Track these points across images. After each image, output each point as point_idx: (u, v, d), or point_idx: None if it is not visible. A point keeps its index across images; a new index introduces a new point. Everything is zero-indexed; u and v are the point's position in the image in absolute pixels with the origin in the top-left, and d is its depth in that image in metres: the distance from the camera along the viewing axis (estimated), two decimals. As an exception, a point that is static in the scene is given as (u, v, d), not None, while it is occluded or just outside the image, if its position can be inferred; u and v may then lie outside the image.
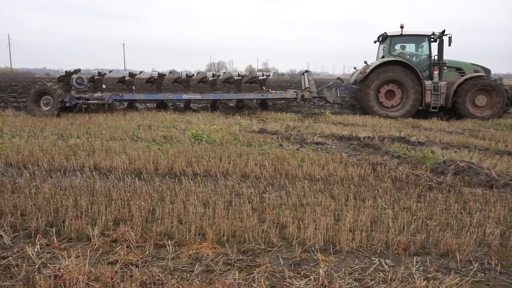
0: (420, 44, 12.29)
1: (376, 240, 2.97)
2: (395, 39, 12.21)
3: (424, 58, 12.14)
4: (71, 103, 10.99)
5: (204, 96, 12.22)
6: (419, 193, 4.16)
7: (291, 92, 12.74)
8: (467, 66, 12.09)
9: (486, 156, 5.94)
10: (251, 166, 5.06)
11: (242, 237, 3.02)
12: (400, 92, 11.69)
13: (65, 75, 11.66)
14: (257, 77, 12.83)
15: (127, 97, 11.87)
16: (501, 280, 2.50)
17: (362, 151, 6.42)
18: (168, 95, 12.34)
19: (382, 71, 11.55)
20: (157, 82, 12.62)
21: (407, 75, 11.48)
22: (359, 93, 11.85)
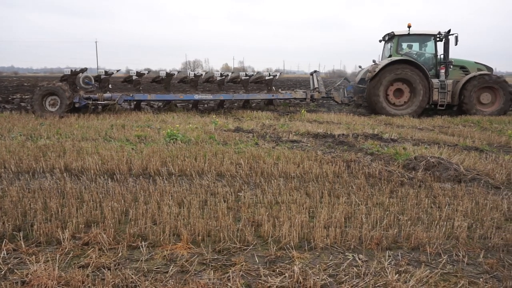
0: (426, 43, 12.52)
1: (350, 236, 3.02)
2: (402, 38, 12.41)
3: (430, 57, 12.38)
4: (80, 104, 10.56)
5: (215, 97, 11.96)
6: (392, 188, 4.25)
7: (300, 93, 12.81)
8: (470, 64, 12.40)
9: (455, 151, 6.14)
10: (226, 165, 5.05)
11: (217, 236, 3.01)
12: (408, 91, 11.81)
13: (71, 74, 11.08)
14: (263, 77, 12.77)
15: (137, 97, 11.39)
16: (468, 271, 2.59)
17: (337, 148, 6.51)
18: (180, 95, 12.00)
19: (391, 70, 11.63)
20: (165, 82, 12.16)
21: (415, 74, 11.61)
22: (368, 92, 11.92)
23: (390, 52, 12.62)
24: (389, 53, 12.84)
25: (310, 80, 13.72)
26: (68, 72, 11.06)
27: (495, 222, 3.34)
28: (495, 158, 5.66)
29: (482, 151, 6.34)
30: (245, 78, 12.37)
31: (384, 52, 13.32)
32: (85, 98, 10.64)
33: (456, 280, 2.47)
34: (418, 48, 12.63)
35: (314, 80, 13.16)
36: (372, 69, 11.88)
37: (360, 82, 13.05)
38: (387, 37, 12.92)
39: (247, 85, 12.67)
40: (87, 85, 10.97)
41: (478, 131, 8.63)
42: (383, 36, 13.23)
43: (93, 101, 10.72)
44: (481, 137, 7.69)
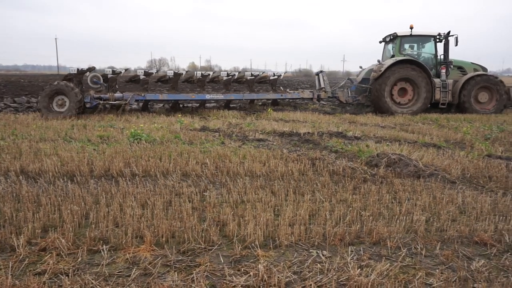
0: (427, 44, 13.02)
1: (314, 232, 3.06)
2: (405, 39, 12.86)
3: (430, 57, 12.88)
4: (91, 104, 10.14)
5: (226, 96, 11.92)
6: (355, 185, 4.35)
7: (307, 92, 13.01)
8: (467, 65, 13.03)
9: (414, 148, 6.37)
10: (192, 165, 4.99)
11: (182, 237, 2.97)
12: (411, 90, 12.22)
13: (77, 73, 10.57)
14: (268, 76, 12.80)
15: (149, 97, 11.02)
16: (426, 263, 2.69)
17: (302, 146, 6.59)
18: (191, 95, 11.75)
19: (396, 70, 11.99)
20: (172, 82, 11.83)
21: (418, 74, 12.04)
22: (373, 91, 12.22)
23: (393, 53, 13.07)
24: (390, 53, 13.34)
25: (316, 80, 13.94)
26: (74, 71, 10.59)
27: (451, 215, 3.49)
28: (451, 154, 5.92)
29: (439, 147, 6.61)
30: (251, 78, 12.42)
31: (385, 52, 13.83)
32: (96, 98, 10.22)
33: (415, 272, 2.56)
34: (420, 49, 13.13)
35: (320, 80, 13.38)
36: (377, 68, 12.22)
37: (362, 82, 13.41)
38: (389, 38, 13.37)
39: (253, 85, 12.69)
40: (95, 85, 10.54)
41: (436, 128, 9.00)
42: (384, 37, 13.73)
43: (103, 101, 10.29)
44: (439, 134, 8.03)
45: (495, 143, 7.14)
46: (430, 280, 2.46)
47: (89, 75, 10.53)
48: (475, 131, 8.40)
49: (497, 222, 3.34)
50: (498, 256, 2.80)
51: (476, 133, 8.24)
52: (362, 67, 14.41)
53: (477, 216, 3.48)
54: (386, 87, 12.03)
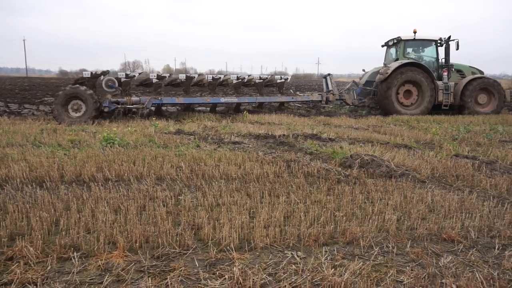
0: (429, 48, 13.53)
1: (289, 234, 3.09)
2: (408, 43, 13.35)
3: (432, 61, 13.38)
4: (110, 108, 9.92)
5: (240, 99, 12.07)
6: (329, 186, 4.42)
7: (316, 95, 13.31)
8: (466, 68, 13.62)
9: (386, 149, 6.52)
10: (166, 168, 4.93)
11: (156, 242, 2.93)
12: (416, 92, 12.69)
13: (90, 77, 10.27)
14: (275, 80, 12.93)
15: (166, 100, 10.91)
16: (397, 261, 2.76)
17: (278, 148, 6.63)
18: (207, 98, 11.81)
19: (401, 73, 12.43)
20: (184, 85, 11.76)
21: (422, 76, 12.53)
22: (380, 93, 12.61)
23: (397, 56, 13.55)
24: (392, 56, 13.89)
25: (323, 83, 14.18)
26: (88, 74, 10.31)
27: (421, 213, 3.60)
28: (421, 155, 6.10)
29: (410, 148, 6.80)
30: (259, 81, 12.60)
31: (387, 56, 14.31)
32: (113, 102, 10.00)
33: (386, 270, 2.63)
34: (422, 52, 13.66)
35: (328, 83, 13.62)
36: (383, 71, 12.60)
37: (366, 84, 13.95)
38: (392, 42, 13.86)
39: (261, 88, 12.82)
40: (110, 88, 10.30)
41: (407, 129, 9.25)
42: (387, 41, 14.19)
43: (121, 105, 10.11)
44: (410, 135, 8.26)
45: (462, 143, 7.41)
46: (401, 278, 2.52)
47: (104, 78, 10.36)
48: (443, 132, 8.69)
49: (463, 219, 3.46)
50: (465, 252, 2.91)
51: (445, 133, 8.53)
52: (365, 70, 14.87)
53: (445, 214, 3.60)
54: (393, 89, 12.49)
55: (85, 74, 10.52)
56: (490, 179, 4.75)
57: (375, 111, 13.64)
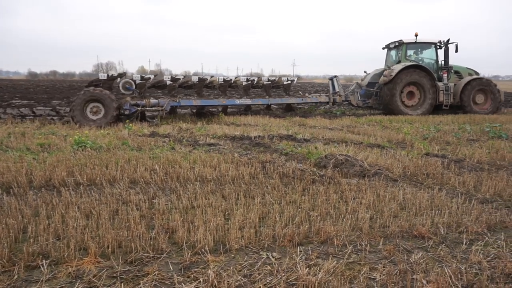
0: (429, 51, 14.10)
1: (264, 235, 3.10)
2: (409, 45, 13.90)
3: (432, 63, 13.95)
4: (130, 111, 9.75)
5: (254, 101, 12.46)
6: (304, 186, 4.46)
7: (324, 97, 13.67)
8: (463, 69, 14.26)
9: (360, 149, 6.64)
10: (140, 172, 4.85)
11: (129, 246, 2.87)
12: (418, 93, 13.26)
13: (107, 79, 10.04)
14: (282, 81, 13.16)
15: (184, 103, 10.93)
16: (370, 259, 2.81)
17: (253, 150, 6.64)
18: (222, 100, 11.91)
19: (404, 75, 12.92)
20: (197, 87, 11.75)
21: (424, 78, 13.08)
22: (384, 95, 13.10)
23: (399, 58, 14.05)
24: (393, 59, 14.49)
25: (330, 85, 14.46)
26: (104, 76, 10.09)
27: (393, 211, 3.68)
28: (393, 154, 6.24)
29: (383, 147, 6.95)
30: (268, 83, 12.83)
31: (388, 58, 14.90)
32: (133, 104, 9.88)
33: (360, 267, 2.67)
34: (422, 55, 14.20)
35: (335, 85, 13.94)
36: (388, 73, 13.08)
37: (368, 86, 14.40)
38: (393, 45, 14.38)
39: (269, 90, 13.01)
40: (127, 91, 10.15)
41: (380, 129, 9.45)
42: (387, 44, 14.75)
43: (142, 108, 9.96)
44: (383, 135, 8.44)
45: (432, 142, 7.64)
46: (374, 275, 2.57)
47: (122, 81, 10.22)
48: (414, 132, 8.93)
49: (433, 216, 3.57)
50: (434, 247, 2.99)
51: (416, 133, 8.76)
52: (366, 71, 15.34)
53: (416, 212, 3.70)
54: (397, 90, 12.98)
55: (101, 76, 10.37)
56: (458, 177, 4.91)
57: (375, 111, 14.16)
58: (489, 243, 3.08)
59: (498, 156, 6.21)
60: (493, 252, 2.90)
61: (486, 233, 3.27)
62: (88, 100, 9.42)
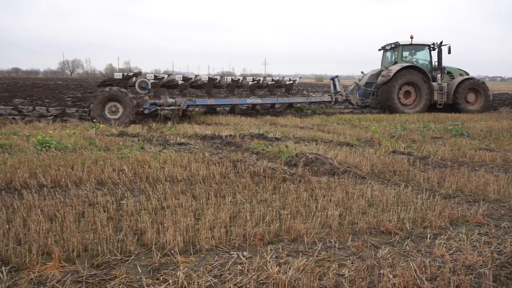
0: (423, 52, 14.75)
1: (234, 234, 3.08)
2: (405, 47, 14.55)
3: (426, 64, 14.56)
4: (150, 110, 9.82)
5: (264, 100, 12.66)
6: (275, 185, 4.48)
7: (327, 96, 14.06)
8: (454, 70, 14.98)
9: (330, 147, 6.75)
10: (108, 172, 4.73)
11: (96, 250, 2.79)
12: (415, 92, 13.93)
13: (122, 78, 9.96)
14: (284, 81, 13.57)
15: (199, 102, 11.12)
16: (339, 255, 2.86)
17: (224, 149, 6.61)
18: (235, 99, 12.13)
19: (401, 75, 13.56)
20: (207, 87, 11.94)
21: (420, 78, 13.75)
22: (383, 94, 13.72)
23: (395, 60, 14.68)
24: (389, 60, 15.12)
25: (331, 84, 14.93)
26: (119, 76, 10.03)
27: (361, 208, 3.76)
28: (362, 152, 6.38)
29: (352, 146, 7.09)
30: (272, 83, 13.25)
31: (384, 59, 15.53)
32: (152, 103, 9.95)
33: (329, 264, 2.71)
34: (417, 56, 14.82)
35: (336, 85, 14.44)
36: (386, 74, 13.65)
37: (366, 85, 14.99)
38: (389, 47, 15.01)
39: (273, 90, 13.54)
40: (143, 90, 10.06)
41: (349, 128, 9.64)
42: (383, 45, 15.41)
43: (160, 107, 9.99)
44: (352, 134, 8.62)
45: (399, 140, 7.87)
46: (343, 271, 2.61)
47: (138, 80, 10.12)
48: (382, 130, 9.17)
49: (399, 212, 3.67)
50: (401, 242, 3.08)
51: (383, 131, 9.00)
52: (364, 72, 15.92)
53: (383, 208, 3.79)
54: (395, 90, 13.58)
55: (116, 75, 10.35)
56: (423, 173, 5.08)
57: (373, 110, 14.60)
58: (451, 237, 3.20)
59: (460, 153, 6.47)
60: (455, 245, 3.02)
61: (449, 227, 3.40)
62: (106, 100, 9.36)
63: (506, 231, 3.32)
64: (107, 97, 9.37)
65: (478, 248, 2.97)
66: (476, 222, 3.50)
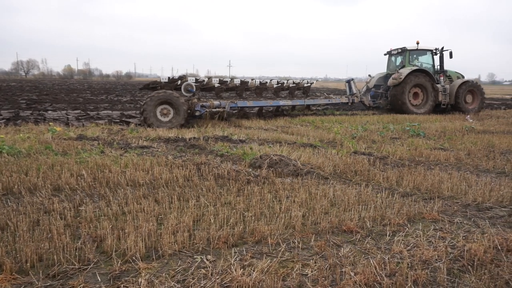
0: (426, 56, 15.89)
1: (198, 238, 3.05)
2: (412, 52, 15.64)
3: (429, 67, 15.60)
4: (201, 112, 10.34)
5: (294, 102, 13.52)
6: (239, 187, 4.47)
7: (344, 98, 14.86)
8: (452, 73, 16.27)
9: (293, 149, 6.84)
10: (65, 178, 4.54)
11: (51, 259, 2.66)
12: (422, 94, 14.99)
13: (168, 81, 10.47)
14: (302, 84, 14.10)
15: (240, 104, 11.66)
16: (303, 255, 2.90)
17: (188, 152, 6.53)
18: (269, 101, 12.71)
19: (411, 78, 14.55)
20: (239, 89, 12.53)
21: (427, 80, 14.83)
22: (394, 96, 14.70)
23: (402, 63, 15.61)
24: (396, 64, 16.12)
25: (347, 87, 15.65)
26: (165, 79, 10.51)
27: (324, 208, 3.83)
28: (325, 153, 6.51)
29: (315, 147, 7.22)
30: (293, 86, 13.79)
31: (390, 63, 16.63)
32: (201, 106, 10.41)
33: (293, 264, 2.73)
34: (422, 60, 15.92)
35: (352, 87, 15.27)
36: (397, 76, 14.63)
37: (375, 88, 16.06)
38: (396, 52, 16.07)
39: (294, 92, 14.09)
40: (189, 93, 10.45)
41: (312, 129, 9.81)
42: (389, 50, 16.49)
43: (209, 109, 10.49)
44: (315, 135, 8.77)
45: (360, 141, 8.10)
46: (306, 271, 2.65)
47: (184, 83, 10.48)
48: (344, 131, 9.40)
49: (360, 211, 3.77)
50: (361, 240, 3.16)
51: (345, 132, 9.23)
52: (371, 75, 17.07)
53: (345, 207, 3.88)
54: (406, 92, 14.57)
55: (163, 79, 10.67)
56: (383, 173, 5.25)
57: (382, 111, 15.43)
58: (409, 233, 3.33)
59: (416, 152, 6.76)
60: (413, 241, 3.14)
61: (407, 224, 3.53)
62: (159, 102, 9.63)
63: (459, 226, 3.50)
64: (160, 100, 9.65)
65: (434, 243, 3.10)
66: (432, 219, 3.66)
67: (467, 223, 3.59)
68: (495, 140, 8.20)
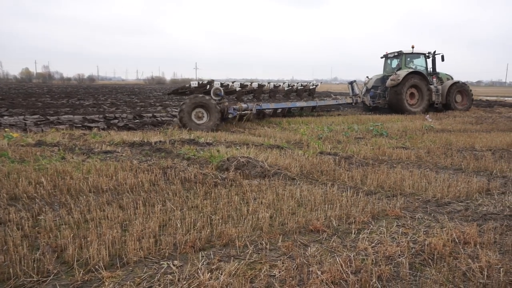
0: (420, 60, 16.81)
1: (164, 243, 2.99)
2: (407, 55, 16.57)
3: (422, 69, 16.52)
4: (233, 115, 11.04)
5: (309, 103, 14.24)
6: (206, 190, 4.43)
7: (348, 98, 15.85)
8: (443, 75, 17.32)
9: (260, 150, 6.86)
10: (23, 186, 4.33)
11: (7, 273, 2.53)
12: (417, 94, 15.89)
13: (198, 86, 11.11)
14: (308, 86, 15.17)
15: (264, 106, 12.33)
16: (270, 256, 2.90)
17: (154, 156, 6.41)
18: (288, 103, 13.37)
19: (408, 79, 15.44)
20: (257, 92, 13.36)
21: (422, 82, 15.77)
22: (393, 96, 15.53)
23: (399, 66, 16.54)
24: (392, 66, 17.09)
25: (349, 88, 16.26)
26: (195, 84, 11.14)
27: (291, 209, 3.86)
28: (291, 154, 6.58)
29: (282, 148, 7.28)
30: (301, 88, 14.85)
31: (386, 66, 17.54)
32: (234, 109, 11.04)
33: (261, 266, 2.74)
34: (416, 63, 16.83)
35: (355, 88, 15.98)
36: (395, 78, 15.43)
37: (373, 88, 16.88)
38: (392, 55, 16.99)
39: (302, 94, 15.03)
40: (217, 97, 10.86)
41: (279, 131, 9.89)
42: (385, 54, 17.39)
43: (239, 112, 11.15)
44: (282, 136, 8.85)
45: (326, 141, 8.25)
46: (274, 272, 2.65)
47: (213, 87, 10.94)
48: (310, 132, 9.54)
49: (327, 210, 3.84)
50: (328, 239, 3.22)
51: (311, 133, 9.37)
52: (369, 77, 17.84)
53: (312, 207, 3.93)
54: (403, 92, 15.44)
55: (193, 84, 11.26)
56: (348, 172, 5.37)
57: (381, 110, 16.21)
58: (373, 230, 3.42)
59: (380, 152, 6.96)
60: (377, 238, 3.22)
61: (371, 221, 3.62)
62: (194, 106, 10.12)
63: (420, 222, 3.63)
64: (195, 104, 10.11)
65: (397, 239, 3.20)
66: (395, 215, 3.78)
67: (428, 218, 3.73)
68: (452, 138, 8.59)
